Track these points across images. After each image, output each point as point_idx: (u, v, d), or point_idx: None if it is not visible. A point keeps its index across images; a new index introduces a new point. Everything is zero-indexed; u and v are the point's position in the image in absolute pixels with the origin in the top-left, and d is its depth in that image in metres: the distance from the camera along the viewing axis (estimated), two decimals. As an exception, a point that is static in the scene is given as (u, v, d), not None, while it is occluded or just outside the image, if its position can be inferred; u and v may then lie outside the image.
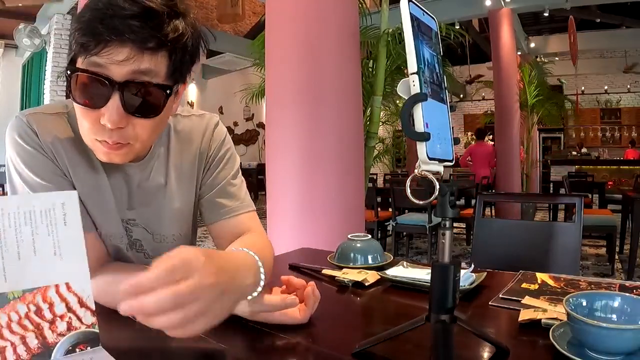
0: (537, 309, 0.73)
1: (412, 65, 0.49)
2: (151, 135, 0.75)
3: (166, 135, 0.88)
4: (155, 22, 0.65)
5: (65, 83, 0.71)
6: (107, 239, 0.84)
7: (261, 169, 9.63)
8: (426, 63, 0.52)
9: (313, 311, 0.74)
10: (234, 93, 6.99)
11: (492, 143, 7.27)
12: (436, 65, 0.55)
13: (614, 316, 0.61)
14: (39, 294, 0.56)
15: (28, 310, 0.55)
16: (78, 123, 0.72)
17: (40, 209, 0.56)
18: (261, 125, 12.77)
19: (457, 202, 0.53)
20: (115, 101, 0.66)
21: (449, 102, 0.57)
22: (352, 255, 1.09)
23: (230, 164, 0.94)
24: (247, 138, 12.78)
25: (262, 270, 0.66)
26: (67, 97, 0.73)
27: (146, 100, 0.68)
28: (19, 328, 0.54)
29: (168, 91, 0.70)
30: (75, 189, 0.78)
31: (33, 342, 0.55)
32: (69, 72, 0.67)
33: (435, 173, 0.50)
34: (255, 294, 0.66)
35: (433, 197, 0.51)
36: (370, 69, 3.14)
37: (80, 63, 0.66)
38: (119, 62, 0.64)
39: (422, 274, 0.96)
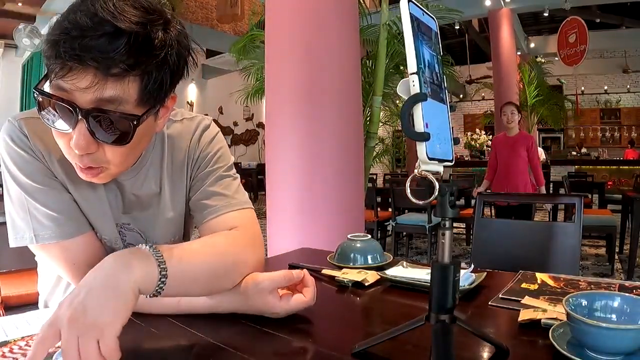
0: (537, 309, 0.73)
1: (412, 65, 0.49)
2: (127, 159, 0.71)
3: (160, 142, 0.86)
4: (121, 46, 0.59)
5: None
6: (103, 242, 0.83)
7: (261, 169, 9.65)
8: (426, 63, 0.52)
9: (315, 291, 0.75)
10: (229, 94, 6.97)
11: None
12: (436, 65, 0.55)
13: (614, 316, 0.61)
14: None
15: (27, 343, 0.66)
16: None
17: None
18: (261, 125, 12.77)
19: (457, 202, 0.53)
20: (81, 128, 0.62)
21: (449, 102, 0.57)
22: (351, 255, 1.09)
23: (219, 162, 0.89)
24: (247, 138, 12.79)
25: (154, 256, 0.62)
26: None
27: (114, 129, 0.64)
28: (19, 349, 0.63)
29: (135, 122, 0.64)
30: (68, 191, 0.78)
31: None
32: (35, 94, 0.64)
33: (435, 173, 0.50)
34: (157, 278, 0.61)
35: (433, 197, 0.51)
36: (370, 69, 3.14)
37: (50, 83, 0.63)
38: (82, 88, 0.60)
39: (422, 274, 0.96)
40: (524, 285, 0.91)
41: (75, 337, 0.51)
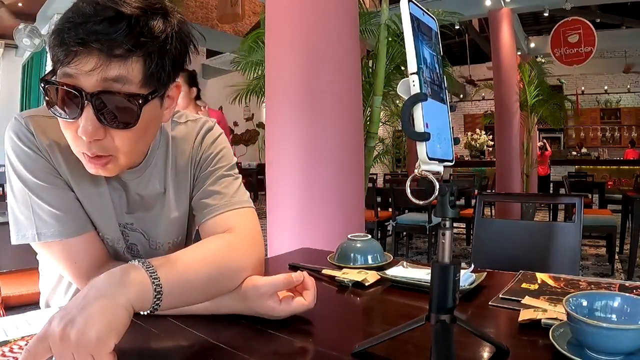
0: (537, 309, 0.73)
1: (412, 65, 0.49)
2: (135, 146, 0.71)
3: (165, 142, 0.87)
4: (123, 27, 0.61)
5: None
6: (106, 241, 0.83)
7: (261, 169, 9.65)
8: (426, 63, 0.51)
9: (315, 293, 0.75)
10: (224, 87, 6.95)
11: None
12: (436, 65, 0.55)
13: (614, 316, 0.61)
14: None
15: (27, 343, 0.64)
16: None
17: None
18: (261, 125, 12.78)
19: (457, 202, 0.53)
20: (88, 112, 0.63)
21: (449, 102, 0.57)
22: (352, 255, 1.09)
23: (220, 162, 0.90)
24: (247, 138, 12.78)
25: (147, 272, 0.61)
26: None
27: (120, 111, 0.65)
28: (19, 349, 0.63)
29: (140, 101, 0.65)
30: (72, 189, 0.78)
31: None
32: (42, 84, 0.65)
33: (435, 173, 0.50)
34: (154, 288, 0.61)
35: (433, 197, 0.51)
36: (370, 69, 3.14)
37: (56, 74, 0.65)
38: (87, 72, 0.62)
39: (422, 274, 0.96)
40: (524, 285, 0.91)
41: (70, 354, 0.50)
